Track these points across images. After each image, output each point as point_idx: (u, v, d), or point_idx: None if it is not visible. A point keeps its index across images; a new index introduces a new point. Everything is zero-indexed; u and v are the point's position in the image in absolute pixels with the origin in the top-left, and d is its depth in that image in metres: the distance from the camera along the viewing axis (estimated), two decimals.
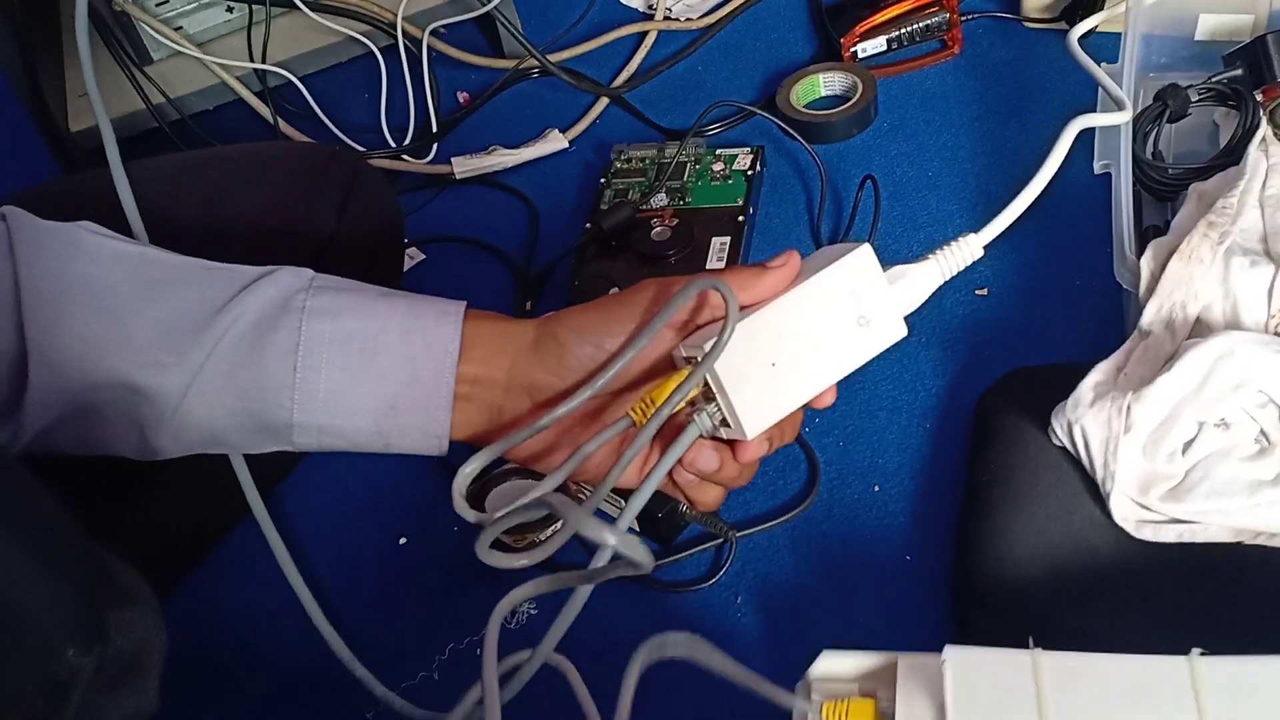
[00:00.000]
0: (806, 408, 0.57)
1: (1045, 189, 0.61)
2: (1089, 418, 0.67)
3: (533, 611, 0.74)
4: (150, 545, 0.77)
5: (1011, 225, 0.61)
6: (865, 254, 0.56)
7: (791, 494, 0.79)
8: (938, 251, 0.59)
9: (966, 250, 0.59)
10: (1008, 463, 0.71)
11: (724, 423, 0.54)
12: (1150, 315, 0.70)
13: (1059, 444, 0.70)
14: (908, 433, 0.81)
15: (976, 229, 0.61)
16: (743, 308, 0.54)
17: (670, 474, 0.56)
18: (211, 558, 0.83)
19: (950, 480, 0.77)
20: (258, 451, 0.59)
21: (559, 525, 0.78)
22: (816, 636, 0.59)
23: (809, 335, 0.55)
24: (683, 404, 0.54)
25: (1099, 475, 0.67)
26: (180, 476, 0.75)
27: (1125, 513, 0.66)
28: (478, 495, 0.75)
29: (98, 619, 0.45)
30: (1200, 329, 0.69)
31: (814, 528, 0.77)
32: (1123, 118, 0.77)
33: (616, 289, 0.88)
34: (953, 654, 0.48)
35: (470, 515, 0.53)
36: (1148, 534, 0.66)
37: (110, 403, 0.55)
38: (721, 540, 0.76)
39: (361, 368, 0.56)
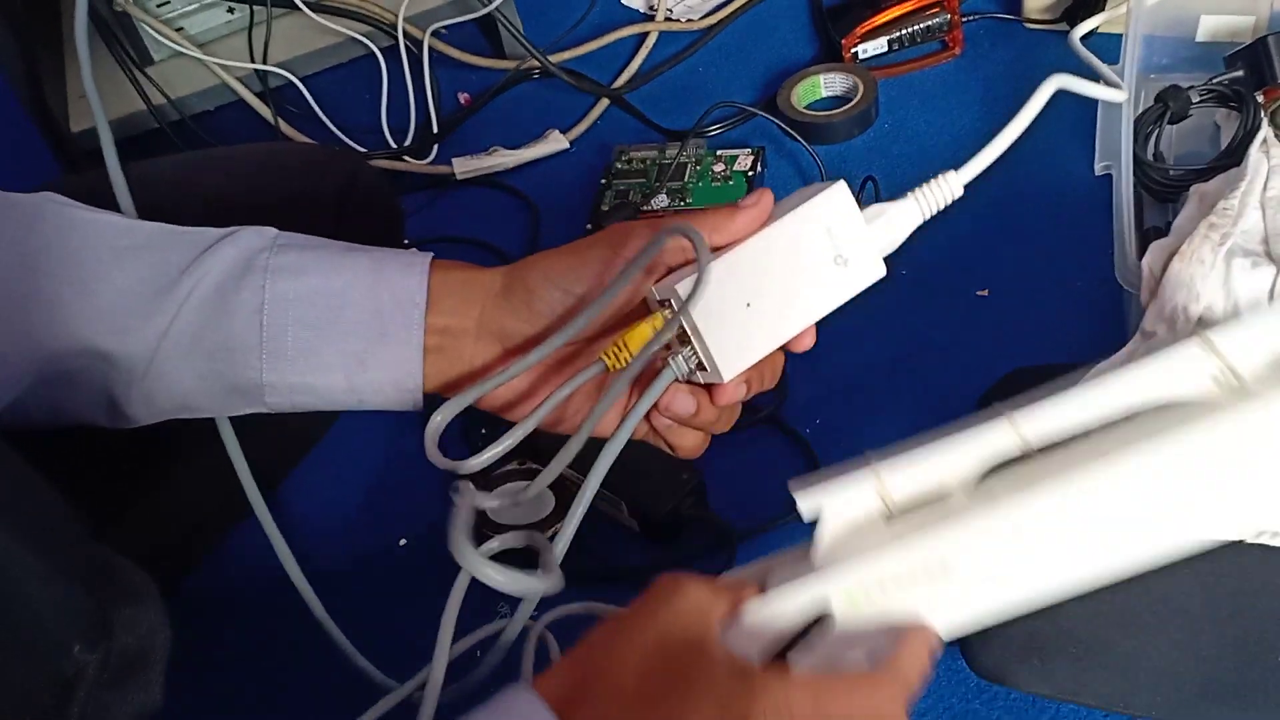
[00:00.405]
0: (786, 352, 0.56)
1: (1047, 190, 0.61)
2: None
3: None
4: (151, 543, 0.77)
5: (1012, 225, 0.60)
6: (840, 191, 0.54)
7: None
8: (917, 189, 0.57)
9: (946, 188, 0.57)
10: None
11: (700, 366, 0.53)
12: (1152, 316, 0.70)
13: None
14: (908, 433, 0.80)
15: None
16: (717, 249, 0.53)
17: (649, 419, 0.56)
18: (211, 557, 0.83)
19: None
20: (231, 414, 0.58)
21: (559, 525, 0.78)
22: None
23: (784, 275, 0.53)
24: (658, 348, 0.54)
25: None
26: (181, 475, 0.75)
27: None
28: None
29: (103, 616, 0.45)
30: None
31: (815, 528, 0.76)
32: (1113, 94, 0.75)
33: None
34: (796, 480, 0.51)
35: (441, 463, 0.53)
36: None
37: (80, 371, 0.54)
38: (723, 542, 0.76)
39: (328, 324, 0.55)
